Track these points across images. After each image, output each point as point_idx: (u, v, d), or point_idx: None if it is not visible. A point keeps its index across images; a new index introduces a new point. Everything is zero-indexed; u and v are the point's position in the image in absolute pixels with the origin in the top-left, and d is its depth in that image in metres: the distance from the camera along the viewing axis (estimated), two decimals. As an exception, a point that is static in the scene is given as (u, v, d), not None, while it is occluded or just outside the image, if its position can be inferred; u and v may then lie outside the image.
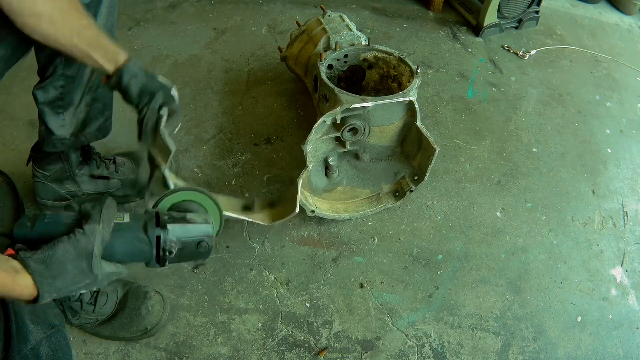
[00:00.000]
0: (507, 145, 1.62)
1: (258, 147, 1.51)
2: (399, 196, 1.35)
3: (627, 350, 1.21)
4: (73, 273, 0.63)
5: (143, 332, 1.07)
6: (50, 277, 0.61)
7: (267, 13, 2.03)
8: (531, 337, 1.20)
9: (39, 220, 0.67)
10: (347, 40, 1.35)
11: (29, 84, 1.04)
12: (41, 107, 1.03)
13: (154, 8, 1.99)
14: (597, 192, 1.54)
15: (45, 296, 0.62)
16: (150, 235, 0.71)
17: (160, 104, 0.93)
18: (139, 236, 0.71)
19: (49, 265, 0.62)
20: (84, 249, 0.64)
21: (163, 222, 0.74)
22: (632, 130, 1.77)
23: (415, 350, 1.14)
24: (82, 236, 0.64)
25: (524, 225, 1.42)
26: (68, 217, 0.68)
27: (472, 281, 1.28)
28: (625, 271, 1.36)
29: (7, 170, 1.23)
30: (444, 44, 1.99)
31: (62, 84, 1.01)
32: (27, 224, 0.66)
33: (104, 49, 0.86)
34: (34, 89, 1.02)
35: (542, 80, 1.89)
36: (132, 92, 0.91)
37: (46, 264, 0.61)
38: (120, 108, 1.04)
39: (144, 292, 1.10)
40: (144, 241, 0.71)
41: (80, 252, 0.64)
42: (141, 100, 0.92)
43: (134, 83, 0.90)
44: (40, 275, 0.61)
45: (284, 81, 1.72)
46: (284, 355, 1.11)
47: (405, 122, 1.22)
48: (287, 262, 1.26)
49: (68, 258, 0.63)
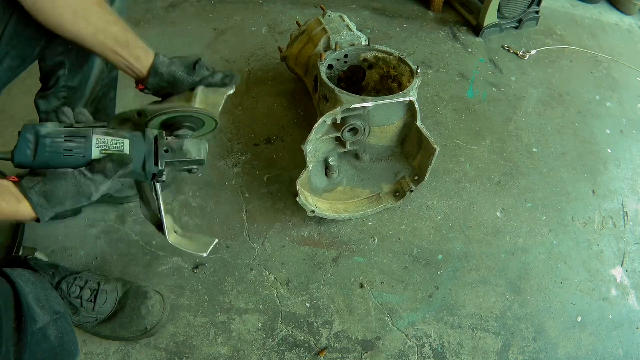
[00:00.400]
0: (507, 145, 1.62)
1: (258, 147, 1.51)
2: (399, 196, 1.35)
3: (627, 350, 1.21)
4: (70, 204, 0.70)
5: (143, 332, 1.07)
6: (49, 207, 0.68)
7: (267, 13, 2.03)
8: (531, 337, 1.20)
9: (41, 148, 0.68)
10: (347, 40, 1.35)
11: (29, 84, 1.04)
12: (42, 117, 1.02)
13: (154, 8, 1.99)
14: (597, 192, 1.54)
15: (44, 220, 0.68)
16: (147, 172, 0.78)
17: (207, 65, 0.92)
18: (138, 172, 0.78)
19: (49, 198, 0.67)
20: (85, 192, 0.70)
21: (160, 158, 0.79)
22: (632, 130, 1.77)
23: (415, 350, 1.14)
24: (87, 181, 0.70)
25: (524, 225, 1.42)
26: (74, 150, 0.71)
27: (472, 281, 1.28)
28: (625, 271, 1.36)
29: (7, 171, 1.23)
30: (444, 44, 1.99)
31: (64, 95, 1.00)
32: (28, 151, 0.68)
33: (133, 46, 0.84)
34: (36, 98, 1.01)
35: (542, 80, 1.89)
36: (179, 77, 0.88)
37: (47, 197, 0.67)
38: (120, 108, 1.04)
39: (144, 292, 1.10)
40: (141, 176, 0.79)
41: (81, 193, 0.70)
42: (193, 76, 0.90)
43: (174, 69, 0.88)
44: (40, 206, 0.67)
45: (284, 81, 1.72)
46: (284, 355, 1.11)
47: (405, 122, 1.22)
48: (287, 262, 1.26)
49: (68, 195, 0.69)
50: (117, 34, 0.82)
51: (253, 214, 1.34)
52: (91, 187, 0.70)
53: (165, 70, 0.87)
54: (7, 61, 0.83)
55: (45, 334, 0.74)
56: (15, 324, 0.68)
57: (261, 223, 1.33)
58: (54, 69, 0.96)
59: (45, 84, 1.00)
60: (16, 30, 0.81)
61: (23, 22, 0.81)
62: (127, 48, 0.84)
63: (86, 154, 0.71)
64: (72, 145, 0.70)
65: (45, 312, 0.78)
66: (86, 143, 0.71)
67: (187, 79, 0.90)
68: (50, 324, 0.77)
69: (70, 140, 0.70)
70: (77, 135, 0.71)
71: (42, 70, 0.98)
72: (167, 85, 0.90)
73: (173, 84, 0.89)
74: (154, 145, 0.79)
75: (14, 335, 0.67)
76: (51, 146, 0.69)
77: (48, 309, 0.80)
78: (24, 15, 0.79)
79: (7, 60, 0.83)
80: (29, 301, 0.76)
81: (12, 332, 0.67)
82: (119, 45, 0.83)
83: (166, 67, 0.87)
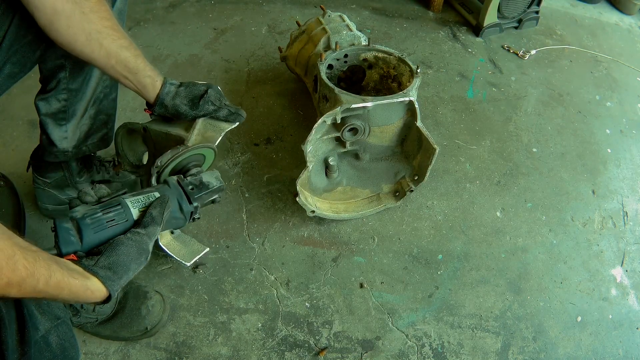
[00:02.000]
0: (507, 145, 1.62)
1: (258, 147, 1.51)
2: (399, 196, 1.35)
3: (627, 350, 1.21)
4: (134, 268, 0.70)
5: (143, 332, 1.07)
6: (117, 278, 0.67)
7: (267, 13, 2.03)
8: (531, 337, 1.20)
9: (85, 230, 0.69)
10: (347, 40, 1.35)
11: (29, 85, 1.04)
12: (43, 119, 1.02)
13: (154, 8, 1.99)
14: (597, 192, 1.54)
15: (115, 294, 0.67)
16: (185, 212, 0.82)
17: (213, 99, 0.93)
18: (178, 217, 0.82)
19: (114, 269, 0.67)
20: (144, 248, 0.71)
21: (191, 197, 0.84)
22: (632, 130, 1.77)
23: (415, 350, 1.14)
24: (144, 237, 0.71)
25: (524, 225, 1.42)
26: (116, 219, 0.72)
27: (472, 281, 1.28)
28: (625, 271, 1.36)
29: (7, 171, 1.23)
30: (444, 44, 1.99)
31: (65, 97, 0.99)
32: (72, 238, 0.68)
33: (142, 74, 0.87)
34: (36, 99, 1.00)
35: (542, 80, 1.89)
36: (183, 111, 0.91)
37: (112, 268, 0.67)
38: (120, 108, 1.04)
39: (144, 292, 1.10)
40: (181, 219, 0.83)
41: (141, 251, 0.70)
42: (197, 110, 0.92)
43: (179, 101, 0.90)
44: (109, 279, 0.66)
45: (284, 81, 1.72)
46: (284, 355, 1.11)
47: (405, 122, 1.22)
48: (287, 262, 1.26)
49: (131, 259, 0.69)
50: (128, 59, 0.84)
51: (253, 214, 1.34)
52: (148, 242, 0.72)
53: (170, 104, 0.91)
54: (8, 68, 0.83)
55: (47, 341, 0.73)
56: (18, 336, 0.67)
57: (261, 223, 1.33)
58: (55, 71, 0.96)
59: (46, 86, 0.99)
60: (17, 36, 0.80)
61: (24, 28, 0.80)
62: (136, 75, 0.87)
63: (128, 217, 0.73)
64: (112, 214, 0.72)
65: (47, 319, 0.77)
66: (123, 208, 0.73)
67: (190, 113, 0.92)
68: (51, 331, 0.76)
69: (108, 211, 0.72)
70: (111, 205, 0.73)
71: (42, 72, 0.97)
72: (171, 116, 0.94)
73: (176, 115, 0.93)
74: (180, 189, 0.83)
75: (17, 348, 0.66)
76: (94, 223, 0.70)
77: (49, 314, 0.79)
78: (25, 20, 0.79)
79: (8, 67, 0.83)
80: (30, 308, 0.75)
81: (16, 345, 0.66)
82: (128, 72, 0.86)
83: (171, 100, 0.90)
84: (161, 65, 1.72)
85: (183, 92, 0.91)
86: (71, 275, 0.61)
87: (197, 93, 0.92)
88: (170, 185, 0.83)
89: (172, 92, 0.90)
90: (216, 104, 0.93)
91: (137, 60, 0.86)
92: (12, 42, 0.80)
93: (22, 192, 1.26)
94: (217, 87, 0.96)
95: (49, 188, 1.18)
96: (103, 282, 0.65)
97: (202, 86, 0.93)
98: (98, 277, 0.64)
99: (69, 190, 1.20)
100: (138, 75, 0.87)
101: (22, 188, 1.27)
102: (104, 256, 0.67)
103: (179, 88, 0.92)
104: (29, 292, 0.56)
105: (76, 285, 0.61)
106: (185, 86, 0.93)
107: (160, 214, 0.74)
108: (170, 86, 0.91)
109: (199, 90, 0.92)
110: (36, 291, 0.57)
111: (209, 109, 0.93)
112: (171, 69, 1.71)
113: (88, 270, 0.64)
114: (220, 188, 0.89)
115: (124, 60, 0.84)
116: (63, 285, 0.60)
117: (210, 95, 0.92)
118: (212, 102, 0.92)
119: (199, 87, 0.93)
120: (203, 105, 0.91)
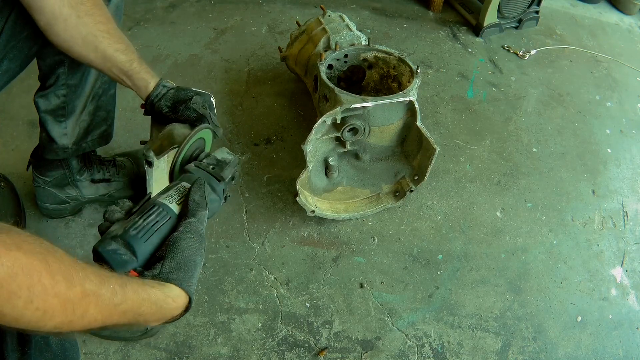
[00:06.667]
0: (507, 145, 1.62)
1: (258, 147, 1.51)
2: (399, 196, 1.35)
3: (627, 350, 1.21)
4: (199, 262, 0.64)
5: (143, 332, 1.07)
6: (189, 277, 0.61)
7: (267, 13, 2.03)
8: (531, 337, 1.20)
9: (134, 242, 0.61)
10: (347, 40, 1.35)
11: (29, 84, 1.04)
12: (43, 115, 1.02)
13: (154, 8, 1.99)
14: (597, 192, 1.54)
15: (193, 296, 0.61)
16: (218, 192, 0.80)
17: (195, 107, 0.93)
18: (214, 199, 0.78)
19: (184, 268, 0.60)
20: (201, 236, 0.66)
21: (217, 175, 0.81)
22: (632, 130, 1.77)
23: (415, 350, 1.14)
24: (197, 225, 0.67)
25: (524, 225, 1.42)
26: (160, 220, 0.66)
27: (472, 281, 1.28)
28: (625, 271, 1.36)
29: (7, 171, 1.23)
30: (444, 44, 1.99)
31: (64, 93, 1.00)
32: (124, 257, 0.60)
33: (136, 77, 0.90)
34: (35, 97, 1.01)
35: (542, 80, 1.89)
36: (165, 113, 0.92)
37: (182, 268, 0.60)
38: (120, 108, 1.04)
39: (144, 292, 1.09)
40: (217, 200, 0.79)
41: (200, 239, 0.65)
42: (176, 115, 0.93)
43: (164, 103, 0.92)
44: (184, 281, 0.59)
45: (284, 81, 1.72)
46: (284, 355, 1.11)
47: (405, 122, 1.22)
48: (287, 262, 1.26)
49: (194, 251, 0.63)
50: (123, 63, 0.87)
51: (253, 214, 1.34)
52: (202, 229, 0.67)
53: (156, 105, 0.93)
54: (5, 64, 0.83)
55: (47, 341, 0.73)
56: (18, 336, 0.66)
57: (261, 223, 1.33)
58: (54, 67, 0.96)
59: (45, 82, 1.00)
60: (14, 32, 0.81)
61: (21, 24, 0.81)
62: (130, 78, 0.90)
63: (170, 214, 0.68)
64: (153, 217, 0.65)
65: None
66: (161, 207, 0.67)
67: (171, 116, 0.94)
68: None
69: (147, 216, 0.65)
70: (147, 209, 0.67)
71: (41, 69, 0.98)
72: (158, 116, 0.95)
73: (163, 117, 0.95)
74: (203, 171, 0.82)
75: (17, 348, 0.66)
76: (140, 232, 0.63)
77: None
78: (22, 16, 0.79)
79: (6, 63, 0.84)
80: None
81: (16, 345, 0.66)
82: (123, 75, 0.89)
83: (157, 102, 0.93)
84: (161, 65, 1.72)
85: (170, 95, 0.92)
86: (148, 284, 0.55)
87: (182, 98, 0.92)
88: (192, 172, 0.81)
89: (160, 95, 0.92)
90: (199, 111, 0.92)
91: (132, 64, 0.88)
92: (9, 38, 0.80)
93: (22, 193, 1.26)
94: (211, 97, 0.96)
95: (49, 187, 1.18)
96: (179, 285, 0.58)
97: (191, 92, 0.93)
98: (172, 282, 0.58)
99: (69, 189, 1.20)
100: (133, 78, 0.90)
101: (22, 188, 1.27)
102: (167, 259, 0.60)
103: (169, 91, 0.93)
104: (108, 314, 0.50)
105: (156, 295, 0.55)
106: (176, 90, 0.93)
107: (203, 197, 0.70)
108: (162, 88, 0.92)
109: (185, 96, 0.92)
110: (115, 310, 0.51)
111: (190, 115, 0.92)
112: (171, 69, 1.71)
113: (158, 279, 0.58)
114: (235, 160, 0.88)
115: (119, 63, 0.87)
116: (144, 296, 0.53)
117: (194, 102, 0.91)
118: (195, 109, 0.92)
119: (187, 93, 0.93)
120: (184, 110, 0.91)
